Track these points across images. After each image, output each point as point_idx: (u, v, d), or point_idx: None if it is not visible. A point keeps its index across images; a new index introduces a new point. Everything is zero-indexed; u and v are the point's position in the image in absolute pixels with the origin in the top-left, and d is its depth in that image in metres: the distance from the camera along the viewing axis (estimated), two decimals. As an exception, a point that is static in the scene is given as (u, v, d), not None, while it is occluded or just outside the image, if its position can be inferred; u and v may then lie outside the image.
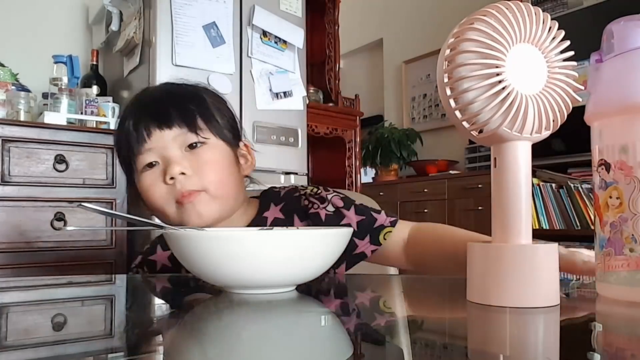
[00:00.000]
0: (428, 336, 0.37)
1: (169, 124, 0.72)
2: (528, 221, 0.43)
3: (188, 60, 1.89)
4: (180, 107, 0.74)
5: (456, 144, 3.46)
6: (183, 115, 0.73)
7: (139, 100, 0.77)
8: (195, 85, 0.80)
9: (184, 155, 0.72)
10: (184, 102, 0.74)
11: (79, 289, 0.67)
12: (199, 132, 0.73)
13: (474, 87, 0.41)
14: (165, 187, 0.72)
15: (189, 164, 0.71)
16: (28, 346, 0.35)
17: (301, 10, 2.25)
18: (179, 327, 0.40)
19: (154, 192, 0.73)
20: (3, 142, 1.66)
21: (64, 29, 2.40)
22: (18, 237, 1.67)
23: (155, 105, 0.75)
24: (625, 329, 0.40)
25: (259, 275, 0.47)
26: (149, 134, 0.72)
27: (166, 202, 0.72)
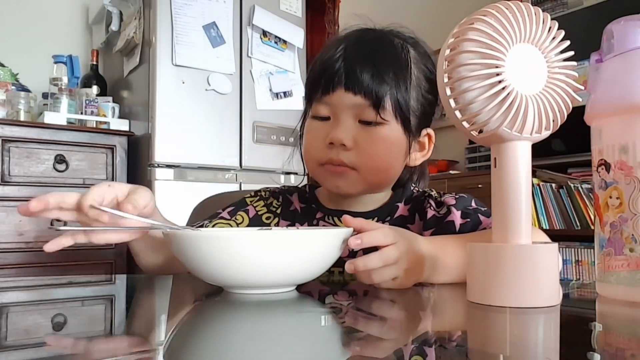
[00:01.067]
0: (428, 336, 0.36)
1: (355, 89, 0.66)
2: (528, 221, 0.43)
3: (188, 60, 1.89)
4: (376, 78, 0.67)
5: (456, 144, 3.46)
6: (374, 88, 0.66)
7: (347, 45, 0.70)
8: (415, 47, 0.72)
9: (355, 126, 0.68)
10: (383, 73, 0.67)
11: (79, 289, 0.67)
12: (380, 111, 0.67)
13: (474, 87, 0.41)
14: (322, 147, 0.69)
15: (355, 137, 0.67)
16: (28, 346, 0.35)
17: (301, 10, 2.25)
18: (179, 327, 0.40)
19: (311, 142, 0.72)
20: (3, 142, 1.66)
21: (64, 29, 2.40)
22: (18, 237, 1.67)
23: (354, 61, 0.68)
24: (625, 329, 0.40)
25: (259, 275, 0.47)
26: (333, 88, 0.67)
27: (314, 159, 0.71)
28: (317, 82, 0.70)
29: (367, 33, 0.73)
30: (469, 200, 0.72)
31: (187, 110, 1.90)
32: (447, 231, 0.68)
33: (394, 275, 0.53)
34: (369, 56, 0.69)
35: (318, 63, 0.72)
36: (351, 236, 0.51)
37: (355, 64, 0.68)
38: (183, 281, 0.67)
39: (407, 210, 0.76)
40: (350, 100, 0.67)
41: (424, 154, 0.76)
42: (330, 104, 0.69)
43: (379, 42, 0.71)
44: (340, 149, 0.68)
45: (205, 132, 1.94)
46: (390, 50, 0.70)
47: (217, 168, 1.96)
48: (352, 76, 0.67)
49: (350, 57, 0.68)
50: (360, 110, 0.67)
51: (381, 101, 0.66)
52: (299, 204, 0.80)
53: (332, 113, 0.69)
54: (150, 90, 1.86)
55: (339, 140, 0.67)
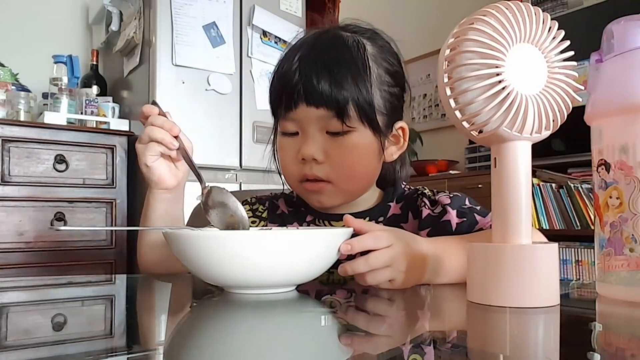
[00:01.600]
0: (428, 336, 0.36)
1: (316, 103, 0.65)
2: (528, 221, 0.43)
3: (188, 60, 1.89)
4: (335, 87, 0.65)
5: (456, 144, 3.46)
6: (335, 97, 0.65)
7: (302, 55, 0.69)
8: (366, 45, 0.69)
9: (324, 138, 0.67)
10: (341, 80, 0.65)
11: (79, 289, 0.67)
12: (346, 120, 0.65)
13: (474, 87, 0.41)
14: (296, 163, 0.69)
15: (326, 150, 0.67)
16: (28, 346, 0.35)
17: (301, 10, 2.25)
18: (179, 327, 0.40)
19: (284, 160, 0.72)
20: (3, 142, 1.66)
21: (64, 29, 2.40)
22: (18, 237, 1.67)
23: (310, 74, 0.66)
24: (625, 329, 0.40)
25: (259, 275, 0.47)
26: (295, 105, 0.67)
27: (291, 177, 0.71)
28: (278, 99, 0.69)
29: (320, 37, 0.71)
30: (463, 199, 0.72)
31: (187, 110, 1.90)
32: (443, 231, 0.68)
33: (389, 277, 0.52)
34: (324, 64, 0.66)
35: (276, 77, 0.71)
36: (350, 237, 0.52)
37: (312, 75, 0.66)
38: (183, 281, 0.68)
39: (400, 208, 0.76)
40: (314, 114, 0.66)
41: (399, 147, 0.74)
42: (296, 120, 0.68)
43: (333, 46, 0.69)
44: (313, 164, 0.68)
45: (205, 132, 1.93)
46: (346, 53, 0.68)
47: (217, 168, 1.96)
48: (310, 89, 0.65)
49: (306, 69, 0.67)
50: (325, 122, 0.66)
51: (344, 109, 0.65)
52: (285, 207, 0.80)
53: (299, 128, 0.69)
54: (150, 90, 1.86)
55: (309, 156, 0.67)
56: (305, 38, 0.73)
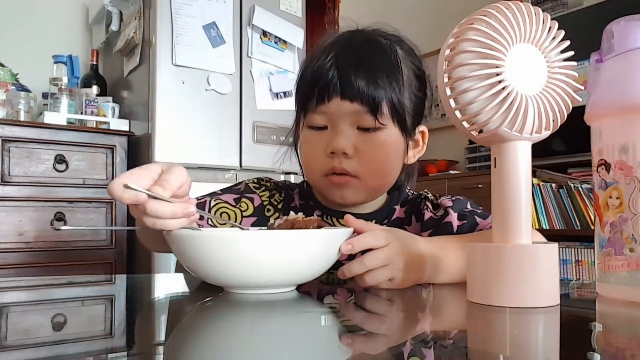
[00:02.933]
0: (428, 336, 0.36)
1: (351, 97, 0.66)
2: (528, 221, 0.43)
3: (188, 60, 1.89)
4: (371, 83, 0.66)
5: (456, 144, 3.46)
6: (370, 94, 0.66)
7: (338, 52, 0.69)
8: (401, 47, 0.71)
9: (354, 134, 0.68)
10: (377, 77, 0.66)
11: (79, 289, 0.67)
12: (379, 116, 0.66)
13: (474, 87, 0.41)
14: (323, 157, 0.69)
15: (356, 145, 0.67)
16: (28, 346, 0.35)
17: (301, 10, 2.25)
18: (179, 326, 0.40)
19: (310, 154, 0.71)
20: (3, 142, 1.66)
21: (64, 29, 2.40)
22: (18, 237, 1.67)
23: (348, 69, 0.67)
24: (625, 329, 0.40)
25: (259, 275, 0.47)
26: (329, 98, 0.67)
27: (316, 169, 0.70)
28: (310, 92, 0.69)
29: (354, 36, 0.72)
30: (465, 202, 0.73)
31: (187, 110, 1.90)
32: (444, 232, 0.68)
33: (388, 276, 0.52)
34: (361, 61, 0.68)
35: (309, 72, 0.70)
36: (349, 237, 0.52)
37: (349, 70, 0.67)
38: (183, 281, 0.68)
39: (404, 212, 0.77)
40: (347, 108, 0.66)
41: (418, 151, 0.76)
42: (327, 113, 0.68)
43: (368, 45, 0.70)
44: (342, 158, 0.67)
45: (205, 132, 1.93)
46: (380, 52, 0.69)
47: (217, 168, 1.96)
48: (347, 84, 0.66)
49: (343, 64, 0.67)
50: (358, 117, 0.67)
51: (378, 106, 0.66)
52: (298, 200, 0.80)
53: (329, 122, 0.69)
54: (150, 90, 1.86)
55: (340, 149, 0.67)
56: (338, 36, 0.73)
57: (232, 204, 0.76)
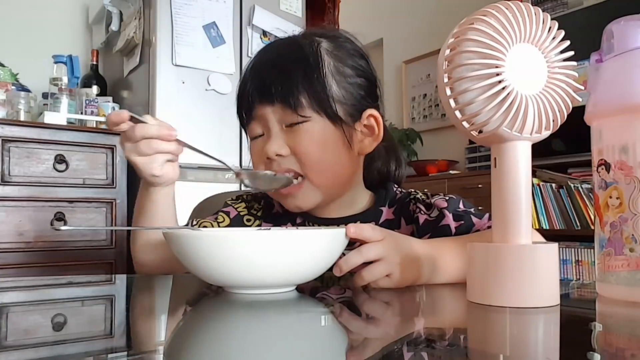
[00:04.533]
0: (428, 336, 0.37)
1: (269, 99, 0.68)
2: (528, 221, 0.43)
3: (188, 60, 1.89)
4: (284, 80, 0.67)
5: (456, 144, 3.46)
6: (284, 90, 0.67)
7: (255, 61, 0.73)
8: (321, 42, 0.71)
9: (284, 133, 0.68)
10: (292, 73, 0.68)
11: (79, 289, 0.67)
12: (299, 110, 0.67)
13: (474, 87, 0.41)
14: (266, 165, 0.70)
15: (288, 144, 0.68)
16: (28, 346, 0.35)
17: (301, 10, 2.25)
18: (179, 327, 0.40)
19: (255, 164, 0.72)
20: (3, 142, 1.66)
21: (64, 29, 2.40)
22: (18, 237, 1.67)
23: (261, 74, 0.70)
24: (625, 329, 0.40)
25: (259, 275, 0.47)
26: (252, 106, 0.70)
27: None
28: (240, 107, 0.72)
29: (274, 43, 0.76)
30: (457, 201, 0.72)
31: (187, 110, 1.90)
32: (443, 235, 0.67)
33: (386, 271, 0.52)
34: (274, 63, 0.70)
35: (239, 85, 0.74)
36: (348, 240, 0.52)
37: (263, 75, 0.70)
38: (183, 281, 0.68)
39: (392, 213, 0.75)
40: (269, 110, 0.68)
41: (375, 138, 0.73)
42: (257, 120, 0.70)
43: (284, 47, 0.73)
44: (280, 161, 0.68)
45: (205, 132, 1.93)
46: (296, 50, 0.70)
47: (217, 168, 1.96)
48: (262, 88, 0.69)
49: (258, 72, 0.71)
50: (280, 115, 0.68)
51: (296, 100, 0.67)
52: (280, 207, 0.79)
53: (263, 127, 0.71)
54: (150, 90, 1.86)
55: (273, 152, 0.68)
56: (260, 49, 0.76)
57: (211, 220, 0.79)
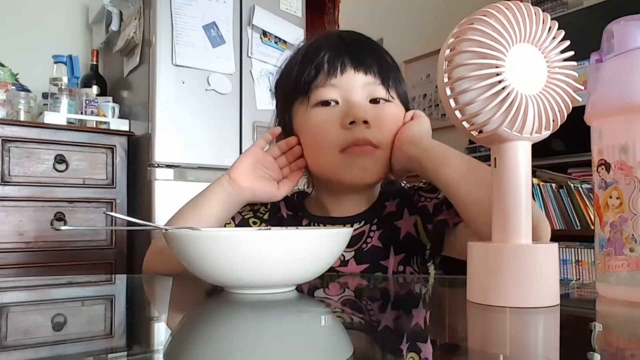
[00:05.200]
0: (428, 336, 0.37)
1: (365, 69, 0.68)
2: (528, 221, 0.43)
3: (188, 60, 1.89)
4: (379, 58, 0.70)
5: (456, 144, 3.46)
6: (381, 66, 0.70)
7: (334, 37, 0.73)
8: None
9: (368, 106, 0.69)
10: (383, 55, 0.72)
11: (79, 289, 0.67)
12: (390, 89, 0.70)
13: (474, 87, 0.41)
14: (339, 130, 0.67)
15: (373, 116, 0.68)
16: (28, 346, 0.35)
17: (301, 10, 2.25)
18: (179, 327, 0.40)
19: (325, 130, 0.68)
20: (3, 142, 1.66)
21: (64, 29, 2.40)
22: (18, 237, 1.67)
23: (356, 46, 0.71)
24: (625, 329, 0.40)
25: (259, 275, 0.47)
26: (342, 70, 0.68)
27: (333, 145, 0.68)
28: (318, 69, 0.69)
29: (340, 32, 0.77)
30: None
31: (187, 110, 1.90)
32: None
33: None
34: (367, 42, 0.73)
35: (310, 54, 0.71)
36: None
37: (357, 46, 0.70)
38: (183, 281, 0.67)
39: (396, 206, 0.75)
40: (360, 80, 0.68)
41: None
42: (339, 86, 0.68)
43: (360, 35, 0.75)
44: (363, 127, 0.67)
45: (205, 132, 1.93)
46: (372, 41, 0.75)
47: (217, 168, 1.96)
48: (359, 58, 0.69)
49: (349, 43, 0.71)
50: (371, 88, 0.69)
51: (389, 79, 0.70)
52: (286, 211, 0.80)
53: (341, 95, 0.69)
54: (150, 90, 1.86)
55: (361, 117, 0.66)
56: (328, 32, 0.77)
57: None
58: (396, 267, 0.70)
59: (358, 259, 0.71)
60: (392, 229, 0.72)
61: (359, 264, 0.70)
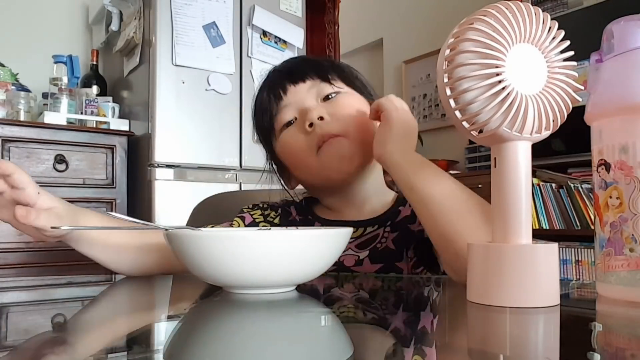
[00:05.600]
0: (428, 336, 0.37)
1: (302, 78, 0.73)
2: (528, 221, 0.43)
3: (188, 60, 1.89)
4: (312, 63, 0.76)
5: (456, 144, 3.46)
6: (315, 68, 0.75)
7: (272, 70, 0.80)
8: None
9: (321, 104, 0.73)
10: (317, 60, 0.77)
11: (79, 289, 0.67)
12: (332, 82, 0.74)
13: (474, 87, 0.41)
14: (304, 137, 0.71)
15: (327, 110, 0.71)
16: (28, 346, 0.35)
17: (301, 10, 2.25)
18: (179, 327, 0.40)
19: (293, 144, 0.73)
20: (3, 142, 1.66)
21: (64, 29, 2.40)
22: (18, 237, 1.67)
23: (287, 66, 0.78)
24: (625, 329, 0.40)
25: (259, 275, 0.47)
26: (284, 91, 0.74)
27: (307, 152, 0.71)
28: (267, 102, 0.75)
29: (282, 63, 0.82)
30: None
31: (187, 110, 1.90)
32: None
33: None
34: (297, 59, 0.81)
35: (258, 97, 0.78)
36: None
37: (289, 66, 0.77)
38: (183, 281, 0.67)
39: (410, 210, 0.75)
40: (303, 88, 0.73)
41: None
42: (290, 104, 0.73)
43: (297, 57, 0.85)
44: (322, 124, 0.70)
45: (205, 132, 1.94)
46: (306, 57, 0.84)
47: (217, 168, 1.96)
48: (292, 72, 0.75)
49: (280, 69, 0.78)
50: (315, 89, 0.73)
51: (327, 74, 0.74)
52: (297, 215, 0.80)
53: (296, 110, 0.73)
54: (150, 90, 1.86)
55: (315, 116, 0.70)
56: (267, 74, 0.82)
57: (226, 225, 0.78)
58: (411, 270, 0.71)
59: (372, 258, 0.71)
60: (406, 233, 0.73)
61: (373, 263, 0.71)
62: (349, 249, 0.72)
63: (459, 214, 0.55)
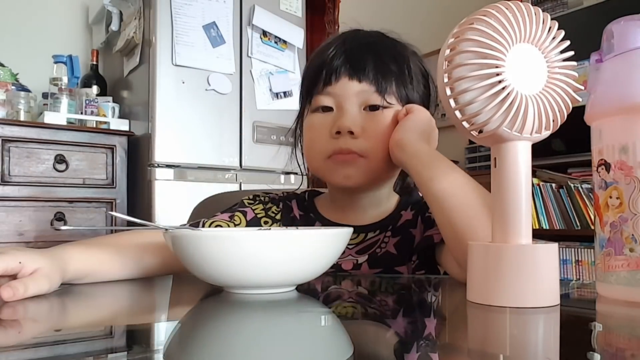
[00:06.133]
0: (428, 336, 0.36)
1: (359, 77, 0.68)
2: (528, 221, 0.43)
3: (188, 60, 1.89)
4: (378, 64, 0.69)
5: (456, 144, 3.46)
6: (377, 73, 0.69)
7: (346, 39, 0.73)
8: (406, 45, 0.75)
9: (361, 114, 0.68)
10: (384, 59, 0.70)
11: (78, 288, 0.67)
12: (386, 95, 0.68)
13: (474, 87, 0.41)
14: (326, 136, 0.69)
15: (362, 125, 0.67)
16: (28, 346, 0.35)
17: (301, 10, 2.25)
18: (179, 327, 0.40)
19: (314, 136, 0.71)
20: (3, 142, 1.66)
21: (64, 29, 2.40)
22: (18, 237, 1.67)
23: (354, 51, 0.70)
24: (625, 329, 0.40)
25: (259, 275, 0.47)
26: (337, 78, 0.69)
27: (320, 150, 0.69)
28: (318, 75, 0.70)
29: (362, 31, 0.76)
30: None
31: (187, 110, 1.90)
32: None
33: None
34: (369, 46, 0.71)
35: (317, 57, 0.72)
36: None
37: (357, 53, 0.69)
38: (183, 281, 0.67)
39: (412, 214, 0.75)
40: (354, 88, 0.68)
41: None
42: (333, 94, 0.69)
43: (376, 34, 0.74)
44: (348, 137, 0.67)
45: (205, 132, 1.94)
46: (387, 41, 0.73)
47: (217, 168, 1.96)
48: (355, 65, 0.68)
49: (351, 48, 0.70)
50: (364, 96, 0.68)
51: (386, 86, 0.68)
52: (298, 211, 0.79)
53: (336, 103, 0.69)
54: (150, 90, 1.86)
55: (346, 128, 0.66)
56: (343, 32, 0.76)
57: (227, 219, 0.76)
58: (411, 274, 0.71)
59: (371, 263, 0.71)
60: (408, 237, 0.72)
61: (371, 267, 0.70)
62: (348, 255, 0.72)
63: (475, 210, 0.55)
